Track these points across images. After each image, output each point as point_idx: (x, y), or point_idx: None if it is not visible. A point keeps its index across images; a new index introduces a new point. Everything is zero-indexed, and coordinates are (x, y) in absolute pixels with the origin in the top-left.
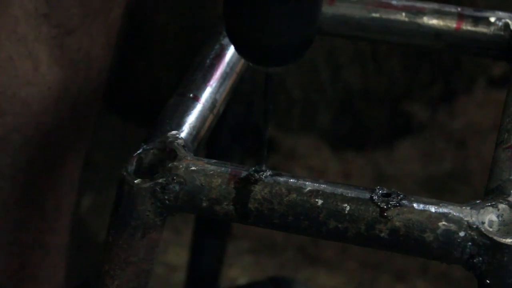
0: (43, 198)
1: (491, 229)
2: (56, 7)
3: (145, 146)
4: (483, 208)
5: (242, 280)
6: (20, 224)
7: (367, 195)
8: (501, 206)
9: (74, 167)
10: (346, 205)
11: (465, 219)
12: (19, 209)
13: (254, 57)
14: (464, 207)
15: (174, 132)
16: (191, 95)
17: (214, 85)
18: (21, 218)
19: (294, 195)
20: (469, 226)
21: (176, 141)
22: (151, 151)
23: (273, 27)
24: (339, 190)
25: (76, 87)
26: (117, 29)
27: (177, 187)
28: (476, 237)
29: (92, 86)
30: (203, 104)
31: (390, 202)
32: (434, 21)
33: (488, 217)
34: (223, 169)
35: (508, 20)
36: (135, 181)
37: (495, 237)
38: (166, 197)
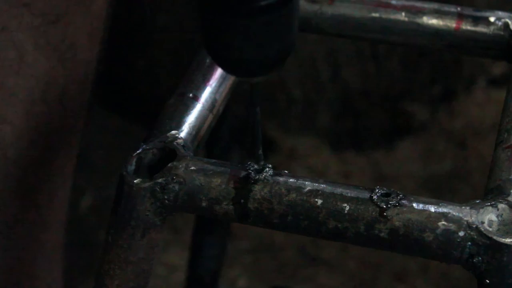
0: (36, 191)
1: (490, 229)
2: None
3: (144, 146)
4: (482, 208)
5: (242, 280)
6: (15, 218)
7: (367, 195)
8: (501, 206)
9: (67, 160)
10: (345, 205)
11: (465, 219)
12: (12, 203)
13: (234, 70)
14: (463, 207)
15: (173, 132)
16: (190, 95)
17: (214, 85)
18: (15, 212)
19: (294, 195)
20: (469, 226)
21: (176, 141)
22: (151, 151)
23: (249, 41)
24: (339, 190)
25: (63, 77)
26: (102, 19)
27: (176, 187)
28: (475, 237)
29: (79, 77)
30: (203, 104)
31: (390, 202)
32: (434, 21)
33: (488, 217)
34: (222, 169)
35: (508, 20)
36: (135, 181)
37: (494, 237)
38: (165, 197)
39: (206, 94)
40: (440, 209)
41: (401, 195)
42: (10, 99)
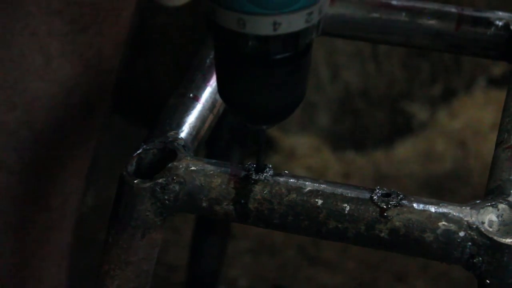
0: (50, 195)
1: (491, 229)
2: (69, 4)
3: (145, 146)
4: (483, 208)
5: (242, 280)
6: (27, 221)
7: (367, 195)
8: (501, 206)
9: (82, 165)
10: (346, 205)
11: (465, 219)
12: (26, 205)
13: (246, 118)
14: (464, 207)
15: (174, 132)
16: (191, 95)
17: (214, 85)
18: (28, 215)
19: (294, 195)
20: (469, 226)
21: (176, 141)
22: (151, 151)
23: (265, 91)
24: (339, 190)
25: (86, 84)
26: (128, 28)
27: (177, 187)
28: (476, 237)
29: (102, 85)
30: (203, 104)
31: (390, 202)
32: (434, 21)
33: (488, 217)
34: (223, 169)
35: (508, 20)
36: (135, 181)
37: (495, 237)
38: (166, 197)
39: (206, 94)
40: (441, 210)
41: (401, 196)
42: (33, 104)
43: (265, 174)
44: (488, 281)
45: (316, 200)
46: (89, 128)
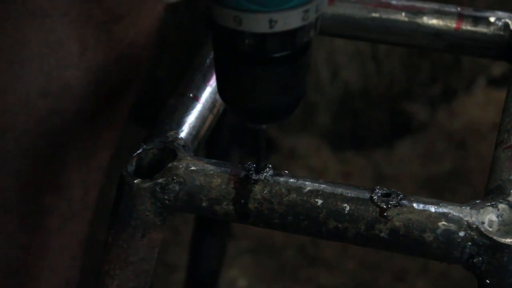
0: (73, 185)
1: (491, 229)
2: None
3: (145, 146)
4: (483, 208)
5: (242, 280)
6: (47, 209)
7: (367, 195)
8: (501, 206)
9: (106, 156)
10: (346, 205)
11: (465, 219)
12: (48, 193)
13: (246, 117)
14: (464, 207)
15: (174, 132)
16: (191, 95)
17: (214, 85)
18: (49, 203)
19: (294, 195)
20: (469, 226)
21: (176, 141)
22: (151, 151)
23: (265, 90)
24: (339, 190)
25: (116, 75)
26: (160, 23)
27: (177, 187)
28: (476, 237)
29: (131, 76)
30: (203, 104)
31: (390, 202)
32: (434, 21)
33: (488, 217)
34: (223, 169)
35: (508, 20)
36: (135, 181)
37: (495, 237)
38: (166, 197)
39: (206, 94)
40: (441, 209)
41: (401, 195)
42: (65, 92)
43: (265, 174)
44: (488, 281)
45: (316, 200)
46: (114, 120)
